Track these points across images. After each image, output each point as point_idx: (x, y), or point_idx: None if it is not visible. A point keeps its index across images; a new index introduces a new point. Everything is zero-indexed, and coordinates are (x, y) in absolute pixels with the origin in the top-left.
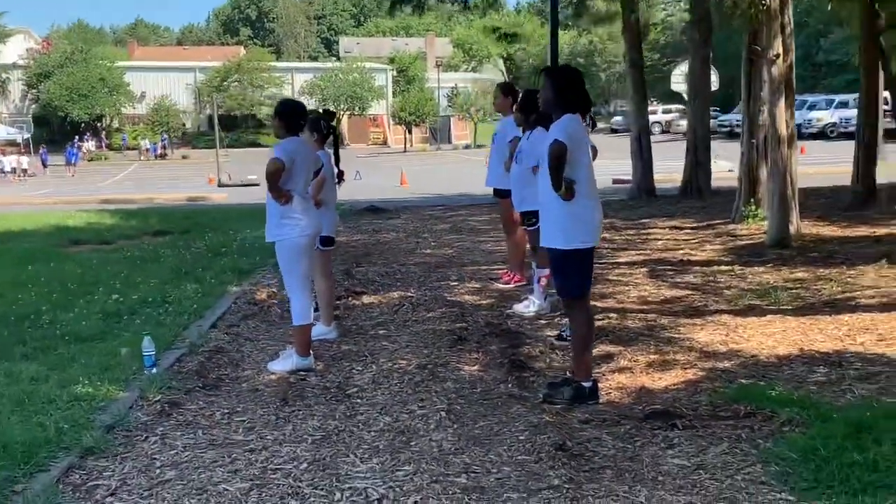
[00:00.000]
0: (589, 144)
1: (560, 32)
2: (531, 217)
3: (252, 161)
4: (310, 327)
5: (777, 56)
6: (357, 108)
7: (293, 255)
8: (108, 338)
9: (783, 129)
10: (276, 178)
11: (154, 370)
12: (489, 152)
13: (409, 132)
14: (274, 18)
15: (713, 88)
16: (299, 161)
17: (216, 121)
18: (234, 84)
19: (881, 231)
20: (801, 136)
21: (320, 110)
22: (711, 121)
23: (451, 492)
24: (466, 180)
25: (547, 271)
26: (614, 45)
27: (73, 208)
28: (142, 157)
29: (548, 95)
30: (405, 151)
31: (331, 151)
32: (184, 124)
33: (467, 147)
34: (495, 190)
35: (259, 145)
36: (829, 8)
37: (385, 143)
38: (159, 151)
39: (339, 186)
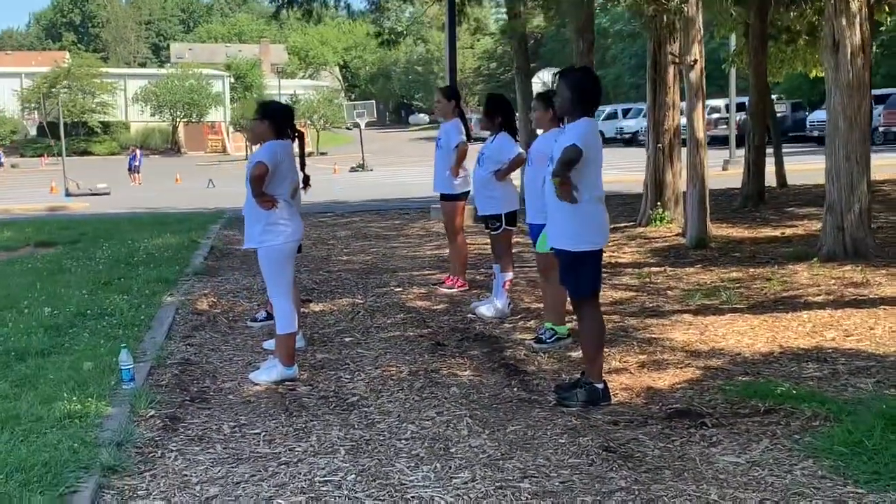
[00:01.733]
0: (601, 148)
1: (397, 39)
2: (494, 221)
3: (88, 169)
4: (294, 336)
5: (695, 62)
6: (194, 115)
7: (279, 262)
8: (61, 352)
9: (700, 134)
10: (261, 182)
11: (132, 384)
12: (434, 157)
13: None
14: (100, 23)
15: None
16: (285, 165)
17: (62, 127)
18: (64, 90)
19: (787, 231)
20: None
21: None
22: None
23: (521, 497)
24: (326, 187)
25: (510, 275)
26: None
27: None
28: None
29: (564, 98)
30: (247, 159)
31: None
32: (13, 132)
33: (310, 154)
34: (441, 194)
35: (90, 153)
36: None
37: (224, 150)
38: (7, 162)
39: (304, 192)
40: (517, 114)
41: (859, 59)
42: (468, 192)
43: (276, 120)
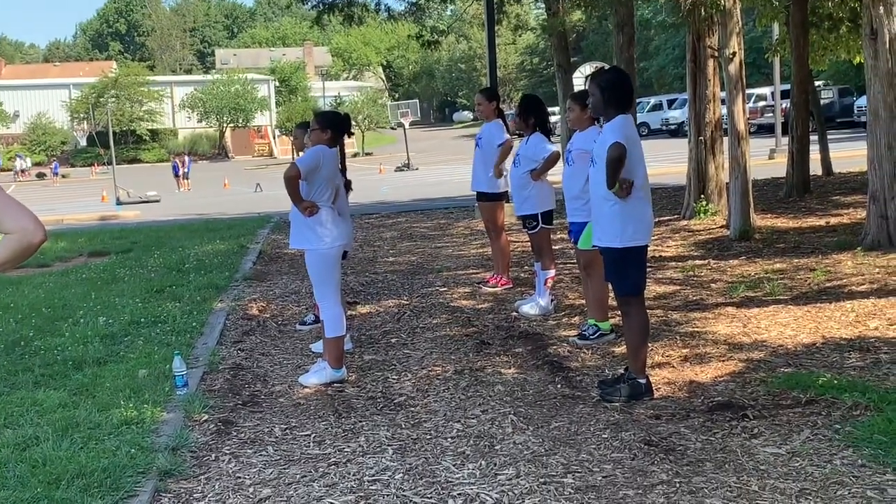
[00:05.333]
0: (640, 142)
1: (439, 39)
2: (531, 220)
3: (137, 176)
4: (342, 339)
5: (734, 54)
6: (241, 120)
7: (325, 265)
8: (116, 360)
9: (741, 126)
10: (294, 183)
11: (185, 390)
12: (473, 156)
13: None
14: (145, 32)
15: None
16: (327, 171)
17: (111, 136)
18: (112, 100)
19: (832, 221)
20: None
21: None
22: None
23: (564, 493)
24: (371, 187)
25: (552, 273)
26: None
27: None
28: (18, 179)
29: (596, 99)
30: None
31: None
32: (63, 142)
33: (355, 155)
34: (479, 193)
35: (139, 161)
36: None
37: (271, 154)
38: (59, 172)
39: (347, 195)
40: (557, 111)
41: None
42: (507, 191)
43: (337, 130)
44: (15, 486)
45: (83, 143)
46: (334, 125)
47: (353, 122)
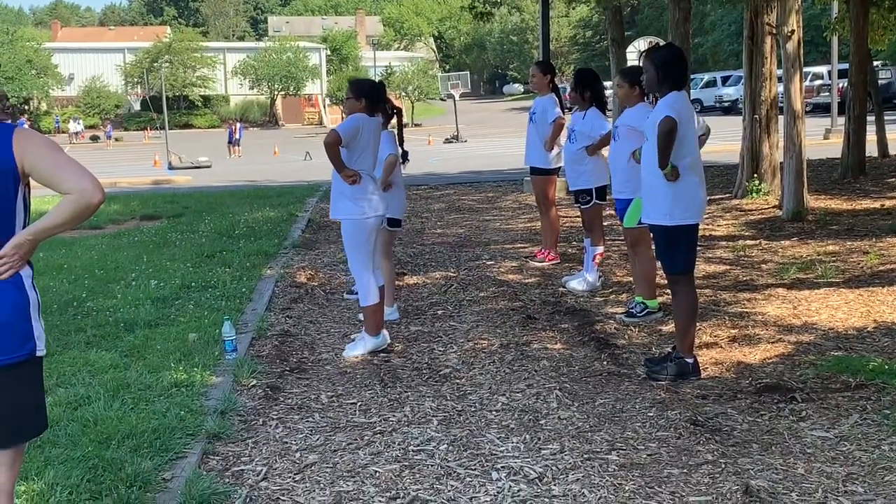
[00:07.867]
0: (695, 121)
1: (492, 11)
2: (585, 195)
3: (189, 142)
4: (380, 306)
5: (792, 32)
6: (292, 88)
7: (359, 235)
8: (167, 323)
9: (798, 105)
10: (335, 150)
11: (234, 354)
12: (527, 130)
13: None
14: None
15: None
16: (366, 139)
17: (164, 101)
18: (166, 65)
19: (887, 203)
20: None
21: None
22: None
23: (608, 469)
24: (420, 159)
25: (601, 249)
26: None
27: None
28: (71, 141)
29: (650, 75)
30: None
31: (395, 132)
32: (117, 106)
33: (405, 126)
34: (532, 168)
35: (191, 126)
36: None
37: (321, 122)
38: (113, 135)
39: (403, 167)
40: (610, 85)
41: None
42: (560, 167)
43: (371, 98)
44: (66, 445)
45: (137, 107)
46: (368, 93)
47: (404, 94)
